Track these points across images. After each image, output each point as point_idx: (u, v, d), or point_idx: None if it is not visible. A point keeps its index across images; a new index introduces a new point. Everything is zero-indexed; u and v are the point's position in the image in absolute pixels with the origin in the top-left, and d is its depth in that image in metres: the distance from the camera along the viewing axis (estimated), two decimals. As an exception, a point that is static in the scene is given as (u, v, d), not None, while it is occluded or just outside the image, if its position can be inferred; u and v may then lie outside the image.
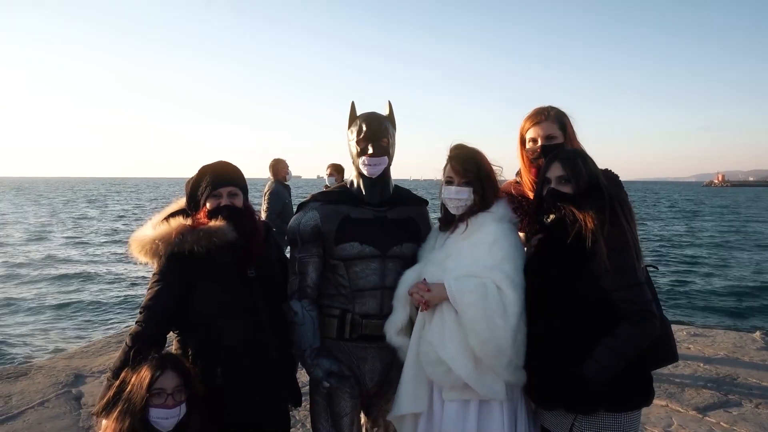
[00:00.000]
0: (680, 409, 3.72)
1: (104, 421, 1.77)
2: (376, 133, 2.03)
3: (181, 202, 2.03)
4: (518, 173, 2.23)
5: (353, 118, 2.11)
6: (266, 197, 5.98)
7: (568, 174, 1.78)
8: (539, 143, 2.04)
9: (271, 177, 6.24)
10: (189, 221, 1.91)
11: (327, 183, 5.87)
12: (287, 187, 6.29)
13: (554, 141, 2.03)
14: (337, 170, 5.99)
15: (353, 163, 2.10)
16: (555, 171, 1.81)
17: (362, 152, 2.04)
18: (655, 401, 3.48)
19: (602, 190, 1.75)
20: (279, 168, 6.25)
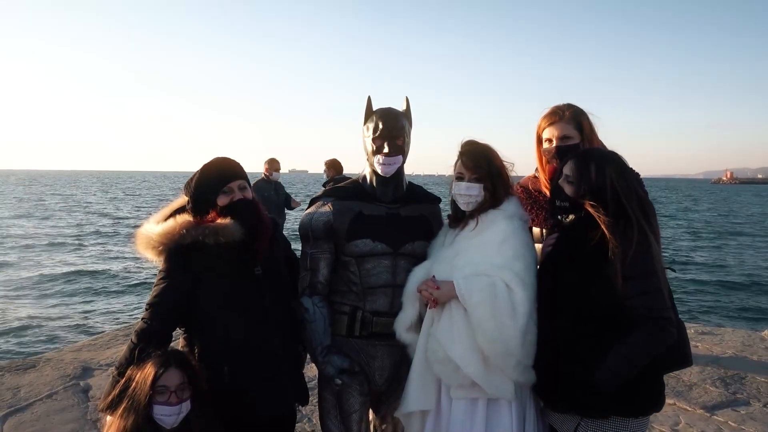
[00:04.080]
0: (688, 407, 3.69)
1: (109, 418, 1.78)
2: (392, 131, 2.00)
3: (185, 199, 2.01)
4: (538, 168, 2.19)
5: (369, 113, 2.07)
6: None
7: (573, 175, 1.75)
8: (554, 144, 2.01)
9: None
10: (194, 218, 1.89)
11: (325, 179, 6.01)
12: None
13: (570, 142, 1.99)
14: (333, 167, 6.13)
15: (367, 159, 2.08)
16: (566, 168, 1.78)
17: (377, 151, 2.01)
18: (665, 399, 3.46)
19: (618, 197, 1.68)
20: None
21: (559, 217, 1.82)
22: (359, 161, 2.21)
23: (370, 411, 2.20)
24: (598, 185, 1.71)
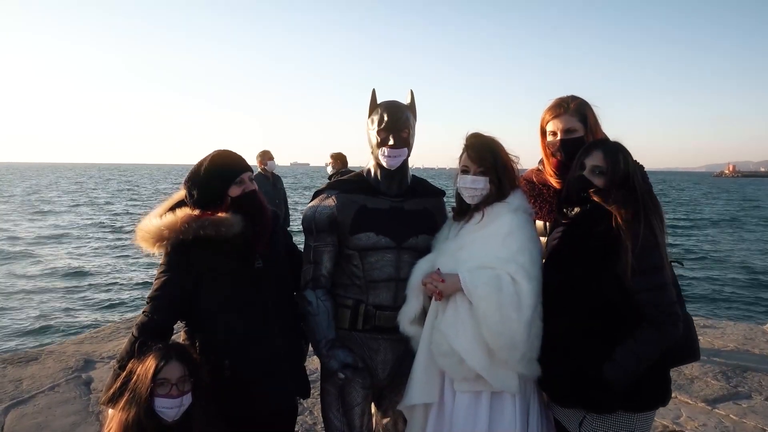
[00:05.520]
0: (689, 401, 3.70)
1: (111, 411, 1.78)
2: (396, 123, 1.98)
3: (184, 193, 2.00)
4: (541, 161, 2.17)
5: (374, 106, 2.05)
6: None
7: (605, 166, 1.71)
8: (559, 137, 1.98)
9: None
10: (196, 212, 1.88)
11: (329, 172, 5.98)
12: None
13: (574, 135, 1.96)
14: (339, 159, 6.09)
15: (372, 152, 2.06)
16: (593, 160, 1.74)
17: (382, 143, 1.99)
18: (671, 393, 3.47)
19: (635, 188, 1.68)
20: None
21: (564, 210, 1.80)
22: (362, 155, 2.19)
23: (372, 404, 2.20)
24: (625, 176, 1.70)
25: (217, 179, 1.88)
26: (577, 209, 1.76)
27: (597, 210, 1.68)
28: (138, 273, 12.44)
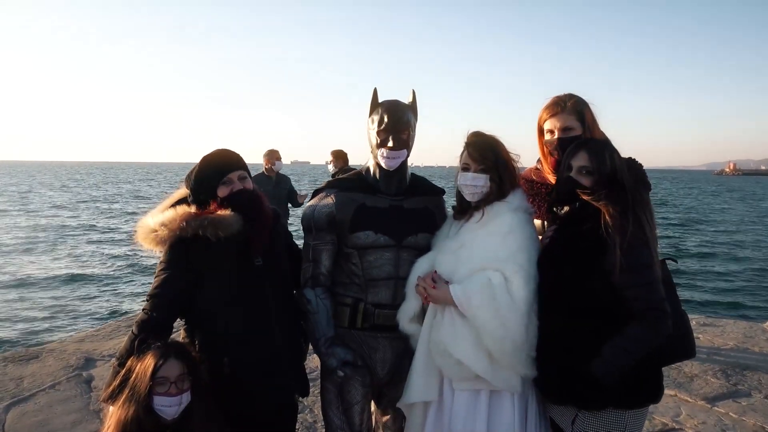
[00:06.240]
0: (689, 399, 3.70)
1: (111, 408, 1.78)
2: (397, 124, 1.98)
3: (185, 191, 2.00)
4: (539, 159, 2.17)
5: (375, 105, 2.05)
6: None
7: (592, 166, 1.72)
8: (556, 135, 1.98)
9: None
10: (195, 209, 1.89)
11: (330, 170, 5.96)
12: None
13: (571, 133, 1.96)
14: (341, 158, 6.07)
15: (371, 152, 2.06)
16: (579, 160, 1.75)
17: (382, 144, 1.99)
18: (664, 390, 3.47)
19: (624, 185, 1.69)
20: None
21: (554, 209, 1.81)
22: (361, 153, 2.19)
23: (372, 402, 2.20)
24: (612, 173, 1.70)
25: (205, 180, 1.90)
26: (566, 208, 1.76)
27: (584, 208, 1.69)
28: (138, 271, 12.46)
